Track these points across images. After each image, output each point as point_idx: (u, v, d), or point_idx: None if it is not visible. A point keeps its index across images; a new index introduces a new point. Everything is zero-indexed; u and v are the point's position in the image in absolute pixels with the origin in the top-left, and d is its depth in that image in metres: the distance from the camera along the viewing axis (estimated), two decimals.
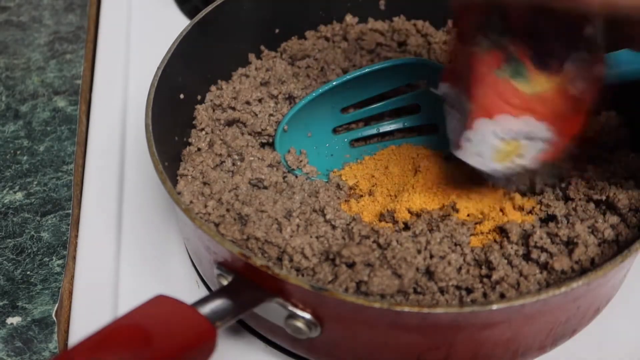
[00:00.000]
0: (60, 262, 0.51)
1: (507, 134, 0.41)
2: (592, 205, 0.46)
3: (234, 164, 0.51)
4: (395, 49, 0.59)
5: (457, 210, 0.47)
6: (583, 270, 0.43)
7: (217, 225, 0.44)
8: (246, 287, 0.40)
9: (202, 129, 0.52)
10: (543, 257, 0.44)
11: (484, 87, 0.41)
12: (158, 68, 0.48)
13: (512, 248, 0.45)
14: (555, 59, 0.39)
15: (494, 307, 0.37)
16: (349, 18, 0.60)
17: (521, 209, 0.48)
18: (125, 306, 0.48)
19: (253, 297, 0.39)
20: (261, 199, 0.46)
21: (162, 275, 0.52)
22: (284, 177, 0.51)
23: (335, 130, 0.56)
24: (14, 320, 0.48)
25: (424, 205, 0.47)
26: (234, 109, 0.53)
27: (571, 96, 0.40)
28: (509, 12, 0.39)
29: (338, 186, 0.51)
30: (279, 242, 0.43)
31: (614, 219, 0.45)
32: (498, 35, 0.39)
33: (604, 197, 0.46)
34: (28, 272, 0.51)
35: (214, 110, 0.53)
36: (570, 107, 0.41)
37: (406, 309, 0.36)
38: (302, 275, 0.43)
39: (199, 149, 0.51)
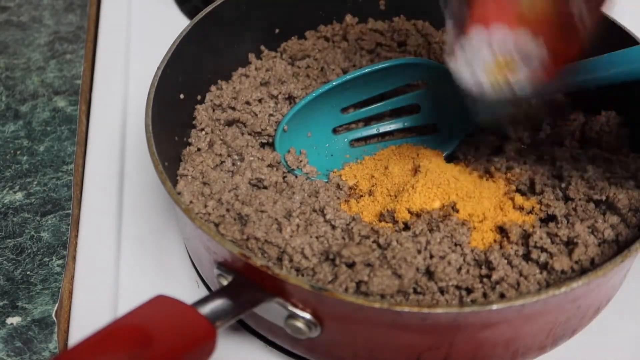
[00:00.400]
0: (60, 262, 0.51)
1: (502, 46, 0.41)
2: (592, 205, 0.46)
3: (234, 164, 0.51)
4: (395, 49, 0.59)
5: (457, 210, 0.47)
6: (583, 270, 0.43)
7: (217, 225, 0.44)
8: (246, 287, 0.40)
9: (202, 129, 0.52)
10: (543, 257, 0.44)
11: None
12: (158, 68, 0.48)
13: (512, 248, 0.45)
14: None
15: (494, 307, 0.37)
16: (349, 18, 0.60)
17: (521, 209, 0.48)
18: (125, 306, 0.48)
19: (253, 297, 0.39)
20: (261, 199, 0.46)
21: (162, 275, 0.52)
22: (283, 177, 0.51)
23: (335, 130, 0.56)
24: (14, 320, 0.48)
25: (424, 205, 0.47)
26: (234, 109, 0.53)
27: (571, 15, 0.39)
28: None
29: (338, 186, 0.51)
30: (279, 242, 0.43)
31: (614, 219, 0.45)
32: None
33: (604, 197, 0.46)
34: (28, 272, 0.51)
35: (214, 110, 0.53)
36: (569, 27, 0.40)
37: (406, 309, 0.36)
38: (302, 275, 0.43)
39: (199, 149, 0.51)
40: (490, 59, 0.41)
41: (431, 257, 0.43)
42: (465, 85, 0.42)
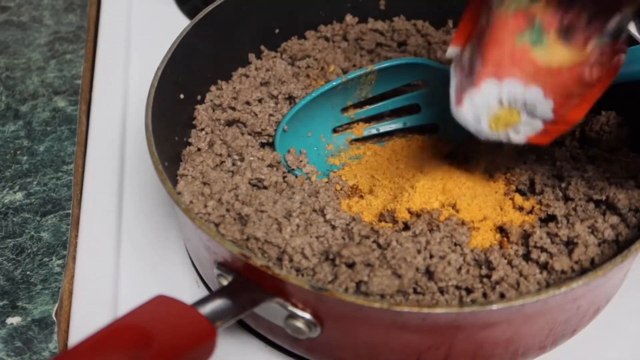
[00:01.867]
0: (60, 262, 0.51)
1: (512, 100, 0.41)
2: (592, 205, 0.46)
3: (234, 164, 0.51)
4: (395, 49, 0.59)
5: (457, 210, 0.47)
6: (583, 270, 0.43)
7: (217, 225, 0.44)
8: (246, 287, 0.40)
9: (202, 129, 0.52)
10: (543, 257, 0.44)
11: (500, 50, 0.40)
12: (158, 68, 0.48)
13: (512, 248, 0.45)
14: (581, 33, 0.39)
15: (494, 307, 0.37)
16: (349, 18, 0.60)
17: (521, 208, 0.48)
18: (125, 306, 0.49)
19: (253, 297, 0.39)
20: (261, 199, 0.46)
21: (162, 275, 0.52)
22: (283, 177, 0.51)
23: (335, 130, 0.56)
24: (14, 320, 0.48)
25: (424, 205, 0.47)
26: (234, 109, 0.53)
27: (584, 80, 0.40)
28: None
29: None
30: (279, 242, 0.43)
31: (613, 219, 0.45)
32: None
33: (604, 197, 0.46)
34: (28, 272, 0.51)
35: (214, 110, 0.53)
36: (580, 92, 0.41)
37: (406, 309, 0.36)
38: (302, 275, 0.43)
39: (199, 149, 0.51)
40: (497, 111, 0.42)
41: (431, 257, 0.43)
42: (465, 127, 0.43)
